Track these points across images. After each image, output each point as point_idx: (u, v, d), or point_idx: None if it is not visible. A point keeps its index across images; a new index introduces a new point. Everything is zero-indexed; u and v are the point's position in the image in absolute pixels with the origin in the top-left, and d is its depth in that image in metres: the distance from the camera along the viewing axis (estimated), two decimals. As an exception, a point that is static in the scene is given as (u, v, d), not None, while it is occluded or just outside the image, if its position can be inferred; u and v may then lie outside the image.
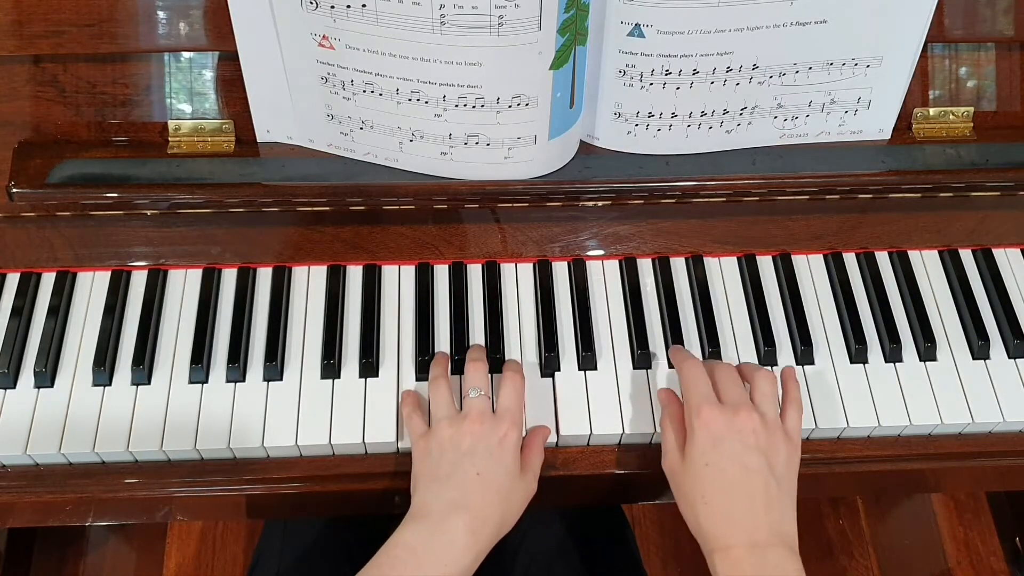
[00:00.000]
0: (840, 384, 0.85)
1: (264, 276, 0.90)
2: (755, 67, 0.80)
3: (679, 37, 0.76)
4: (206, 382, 0.84)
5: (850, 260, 0.93)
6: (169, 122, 0.84)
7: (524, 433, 0.80)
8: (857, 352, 0.87)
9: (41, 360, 0.84)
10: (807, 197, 0.90)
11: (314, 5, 0.73)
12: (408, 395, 0.82)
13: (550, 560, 0.95)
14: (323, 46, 0.76)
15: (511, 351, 0.86)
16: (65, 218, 0.88)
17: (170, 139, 0.84)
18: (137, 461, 0.81)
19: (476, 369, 0.80)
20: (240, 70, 0.80)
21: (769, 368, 0.85)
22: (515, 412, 0.77)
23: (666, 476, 0.75)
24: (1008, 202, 0.93)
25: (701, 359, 0.84)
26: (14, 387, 0.83)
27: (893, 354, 0.87)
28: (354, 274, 0.90)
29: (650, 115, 0.82)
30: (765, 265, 0.92)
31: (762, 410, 0.73)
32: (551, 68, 0.75)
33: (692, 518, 0.71)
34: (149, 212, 0.87)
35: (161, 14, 0.79)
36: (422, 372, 0.85)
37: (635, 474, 0.83)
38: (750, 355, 0.87)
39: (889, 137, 0.88)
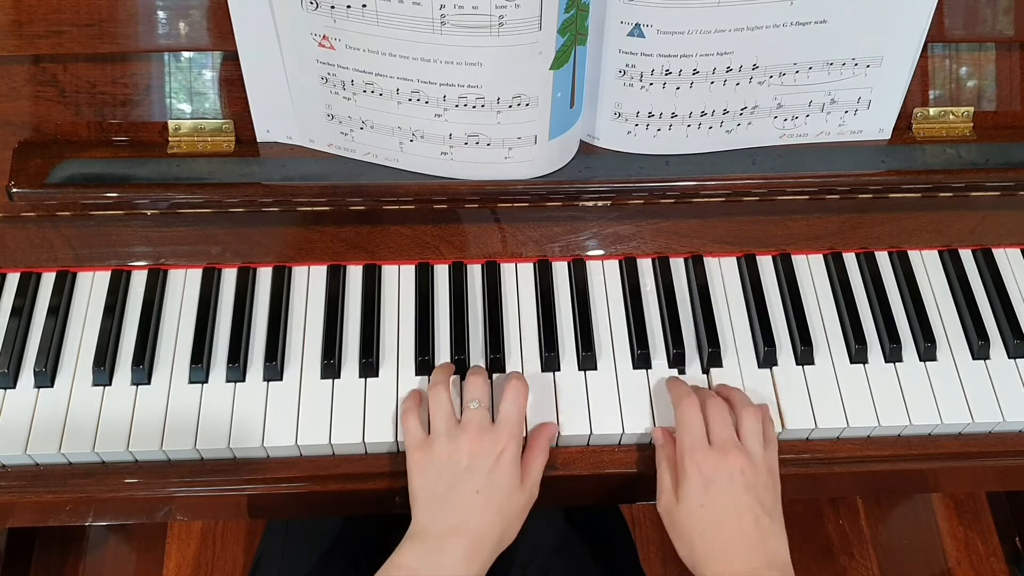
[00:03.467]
0: (840, 384, 0.85)
1: (264, 276, 0.90)
2: (755, 67, 0.80)
3: (679, 37, 0.76)
4: (206, 382, 0.84)
5: (850, 260, 0.93)
6: (169, 122, 0.84)
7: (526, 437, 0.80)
8: (857, 352, 0.87)
9: (41, 360, 0.84)
10: (807, 197, 0.90)
11: (314, 5, 0.73)
12: (410, 394, 0.82)
13: (548, 560, 0.95)
14: (323, 46, 0.76)
15: (511, 351, 0.86)
16: (65, 218, 0.88)
17: (170, 139, 0.84)
18: (137, 461, 0.81)
19: (476, 381, 0.79)
20: (240, 70, 0.80)
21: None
22: (515, 423, 0.77)
23: (661, 516, 0.77)
24: (1008, 202, 0.93)
25: (696, 387, 0.84)
26: (14, 387, 0.83)
27: (893, 354, 0.87)
28: (354, 274, 0.90)
29: (650, 115, 0.82)
30: (765, 265, 0.92)
31: (748, 447, 0.76)
32: (551, 68, 0.75)
33: (688, 556, 0.74)
34: (149, 212, 0.87)
35: (161, 14, 0.79)
36: (422, 372, 0.85)
37: (635, 474, 0.83)
38: (750, 355, 0.87)
39: (889, 137, 0.88)
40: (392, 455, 0.82)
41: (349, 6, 0.72)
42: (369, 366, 0.84)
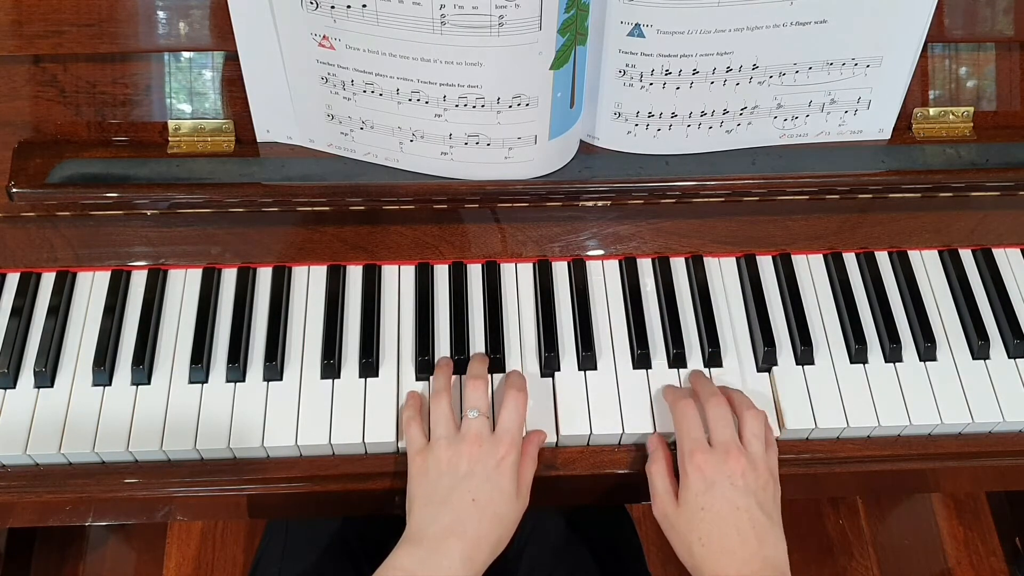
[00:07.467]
0: (840, 384, 0.85)
1: (264, 276, 0.90)
2: (755, 67, 0.80)
3: (679, 37, 0.76)
4: (206, 382, 0.84)
5: (850, 260, 0.93)
6: (169, 122, 0.84)
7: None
8: (857, 352, 0.87)
9: (41, 360, 0.84)
10: (807, 197, 0.90)
11: (314, 5, 0.73)
12: (410, 399, 0.82)
13: (555, 562, 0.95)
14: (323, 46, 0.76)
15: (511, 351, 0.86)
16: (65, 218, 0.88)
17: (170, 139, 0.84)
18: (137, 461, 0.81)
19: (476, 387, 0.79)
20: (240, 70, 0.80)
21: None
22: (514, 433, 0.77)
23: (658, 520, 0.77)
24: (1008, 202, 0.93)
25: (696, 386, 0.84)
26: (14, 387, 0.83)
27: (893, 354, 0.87)
28: (354, 274, 0.90)
29: (650, 115, 0.82)
30: (765, 265, 0.92)
31: (751, 450, 0.76)
32: (551, 68, 0.75)
33: (688, 558, 0.74)
34: (149, 212, 0.87)
35: (161, 14, 0.79)
36: (422, 372, 0.85)
37: (635, 474, 0.83)
38: (750, 355, 0.87)
39: (889, 137, 0.88)
40: (392, 455, 0.82)
41: (349, 6, 0.72)
42: (369, 366, 0.84)
